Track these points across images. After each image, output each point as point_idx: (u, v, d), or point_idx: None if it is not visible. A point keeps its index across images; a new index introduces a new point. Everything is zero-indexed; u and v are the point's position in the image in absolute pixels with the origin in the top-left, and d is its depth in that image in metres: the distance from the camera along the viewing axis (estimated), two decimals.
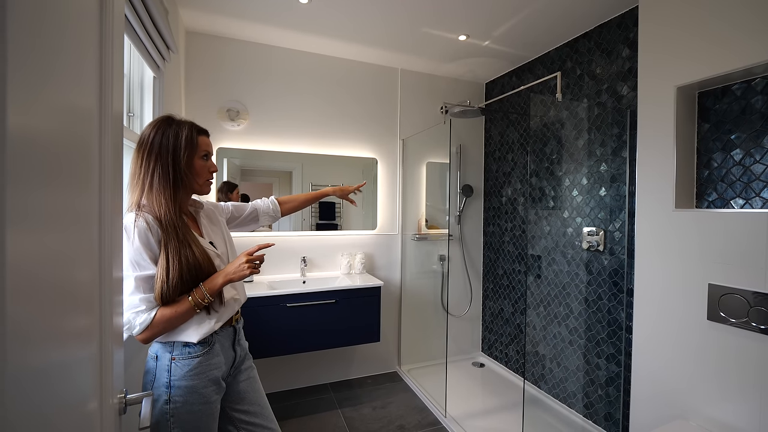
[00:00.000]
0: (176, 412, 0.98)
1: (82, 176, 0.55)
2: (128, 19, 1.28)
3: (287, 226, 2.57)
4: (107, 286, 0.63)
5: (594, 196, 2.12)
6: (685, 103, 1.57)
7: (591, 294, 2.13)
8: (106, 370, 0.64)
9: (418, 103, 2.90)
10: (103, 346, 0.63)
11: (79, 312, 0.55)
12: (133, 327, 0.93)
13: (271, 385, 2.46)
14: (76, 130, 0.53)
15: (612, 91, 2.03)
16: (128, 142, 1.55)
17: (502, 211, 2.89)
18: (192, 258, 0.98)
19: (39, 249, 0.42)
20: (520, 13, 2.01)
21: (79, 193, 0.54)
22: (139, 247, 0.94)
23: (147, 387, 1.01)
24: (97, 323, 0.61)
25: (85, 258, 0.57)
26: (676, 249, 1.51)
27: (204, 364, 1.02)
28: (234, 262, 1.04)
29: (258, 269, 1.04)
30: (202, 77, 2.31)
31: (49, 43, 0.45)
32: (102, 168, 0.62)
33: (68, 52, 0.50)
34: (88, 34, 0.58)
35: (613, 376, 2.01)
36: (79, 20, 0.54)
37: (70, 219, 0.51)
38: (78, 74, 0.54)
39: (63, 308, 0.49)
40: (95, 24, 0.60)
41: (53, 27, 0.46)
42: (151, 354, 1.02)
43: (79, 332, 0.55)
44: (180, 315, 0.96)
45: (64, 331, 0.50)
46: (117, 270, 0.68)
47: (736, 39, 1.34)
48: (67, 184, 0.50)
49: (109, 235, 0.64)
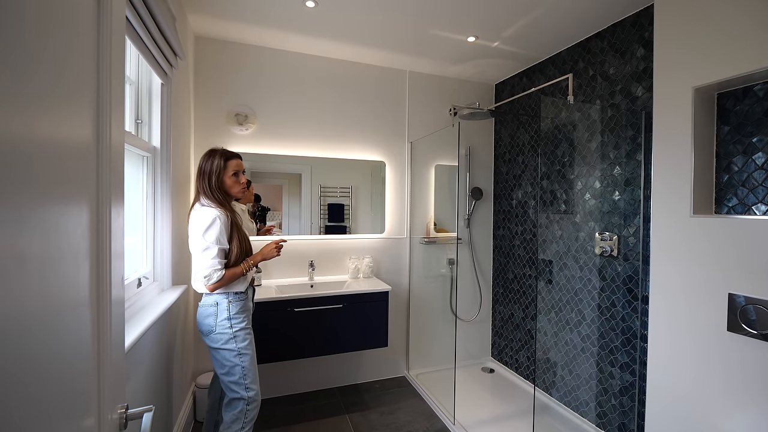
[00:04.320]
0: (236, 333, 1.52)
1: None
2: (134, 27, 1.29)
3: (296, 230, 2.57)
4: (106, 294, 0.63)
5: (607, 200, 2.06)
6: (703, 105, 1.51)
7: (604, 300, 2.07)
8: (105, 380, 0.63)
9: (427, 105, 2.87)
10: (101, 352, 0.62)
11: (73, 318, 0.54)
12: (210, 278, 1.45)
13: (278, 389, 2.46)
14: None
15: (626, 92, 1.97)
16: (134, 149, 1.56)
17: (512, 215, 2.84)
18: (246, 243, 1.60)
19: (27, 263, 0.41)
20: (530, 13, 1.97)
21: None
22: (222, 230, 1.47)
23: (210, 326, 1.51)
24: (92, 326, 0.60)
25: (80, 270, 0.56)
26: (694, 256, 1.45)
27: (246, 303, 1.60)
28: (266, 247, 1.67)
29: (280, 253, 1.69)
30: (210, 82, 2.32)
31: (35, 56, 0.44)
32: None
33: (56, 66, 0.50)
34: (86, 45, 0.57)
35: (627, 385, 1.95)
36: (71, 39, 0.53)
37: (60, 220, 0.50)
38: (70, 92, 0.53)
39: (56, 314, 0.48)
40: (93, 37, 0.60)
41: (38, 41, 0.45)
42: (211, 303, 1.52)
43: (74, 337, 0.54)
44: (236, 275, 1.52)
45: (54, 332, 0.49)
46: (117, 288, 0.67)
47: (758, 37, 1.28)
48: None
49: (107, 246, 0.63)
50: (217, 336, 1.51)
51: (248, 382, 1.53)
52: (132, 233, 1.60)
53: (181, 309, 2.04)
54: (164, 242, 1.78)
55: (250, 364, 1.54)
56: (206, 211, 1.48)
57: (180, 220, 1.96)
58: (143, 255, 1.69)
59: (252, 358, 1.56)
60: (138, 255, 1.66)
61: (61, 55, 0.50)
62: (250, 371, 1.54)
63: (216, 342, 1.51)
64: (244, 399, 1.52)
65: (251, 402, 1.53)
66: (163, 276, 1.79)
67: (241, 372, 1.52)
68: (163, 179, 1.76)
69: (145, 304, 1.53)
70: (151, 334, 1.47)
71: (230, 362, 1.51)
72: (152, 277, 1.73)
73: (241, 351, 1.52)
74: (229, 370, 1.52)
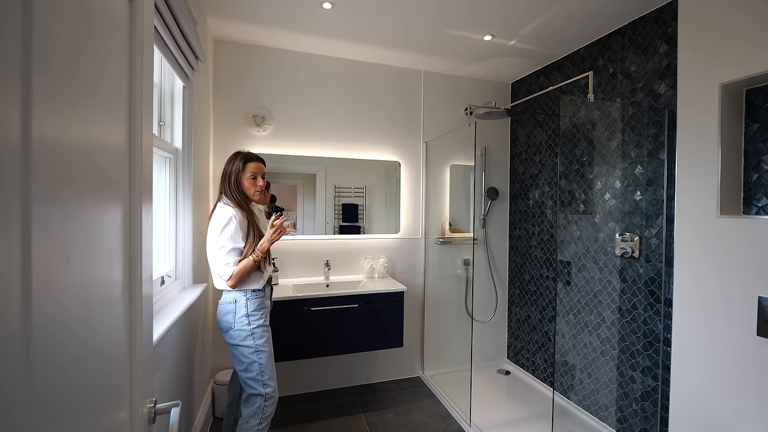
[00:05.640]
0: (254, 330, 1.56)
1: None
2: (159, 32, 1.32)
3: (311, 230, 2.59)
4: (137, 291, 0.65)
5: (628, 200, 2.01)
6: (730, 102, 1.46)
7: (625, 303, 2.03)
8: (136, 375, 0.65)
9: (442, 105, 2.86)
10: (133, 347, 0.64)
11: (107, 314, 0.56)
12: (223, 275, 1.50)
13: (294, 387, 2.49)
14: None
15: (648, 90, 1.92)
16: (158, 151, 1.60)
17: (529, 215, 2.81)
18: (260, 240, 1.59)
19: (66, 265, 0.43)
20: (549, 10, 1.94)
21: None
22: (237, 228, 1.52)
23: (229, 323, 1.55)
24: (126, 322, 0.62)
25: (113, 265, 0.58)
26: (721, 258, 1.41)
27: (264, 301, 1.63)
28: (268, 232, 1.58)
29: (282, 232, 1.58)
30: (229, 84, 2.37)
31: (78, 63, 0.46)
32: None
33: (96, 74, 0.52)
34: (119, 53, 0.59)
35: (649, 390, 1.91)
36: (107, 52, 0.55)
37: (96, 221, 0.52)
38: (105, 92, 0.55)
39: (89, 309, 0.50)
40: (126, 40, 0.62)
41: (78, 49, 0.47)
42: (230, 300, 1.56)
43: (108, 334, 0.56)
44: (247, 267, 1.51)
45: (91, 330, 0.51)
46: (147, 285, 0.69)
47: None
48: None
49: (138, 245, 0.65)
50: (236, 333, 1.54)
51: (266, 379, 1.56)
52: (156, 232, 1.64)
53: (202, 306, 2.08)
54: (186, 241, 1.82)
55: (268, 360, 1.57)
56: (224, 210, 1.54)
57: (200, 220, 2.00)
58: (166, 253, 1.73)
59: (269, 355, 1.59)
60: (161, 253, 1.70)
61: (100, 61, 0.52)
62: (268, 368, 1.57)
63: (234, 339, 1.55)
64: (261, 395, 1.55)
65: (269, 398, 1.56)
66: (185, 274, 1.83)
67: (259, 369, 1.55)
68: (185, 179, 1.80)
69: (168, 301, 1.57)
70: (174, 331, 1.51)
71: (248, 359, 1.54)
72: (174, 275, 1.77)
73: (259, 348, 1.55)
74: (247, 366, 1.55)
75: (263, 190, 1.66)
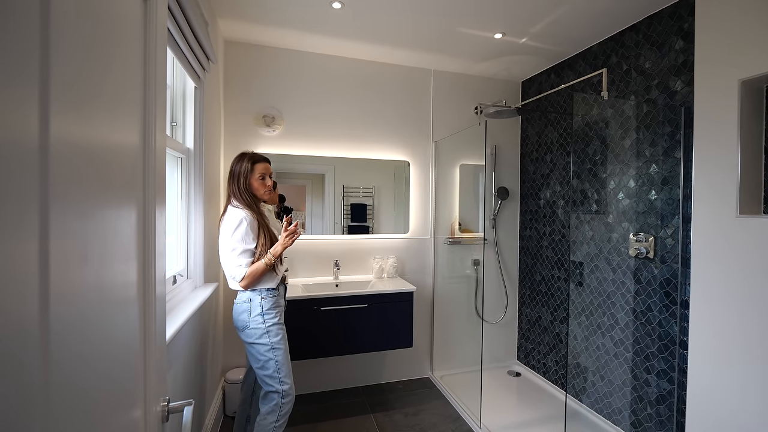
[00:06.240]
0: (269, 328, 1.57)
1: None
2: (171, 33, 1.33)
3: (319, 230, 2.60)
4: (151, 291, 0.65)
5: (642, 199, 1.97)
6: (750, 98, 1.42)
7: (639, 304, 1.99)
8: (149, 374, 0.65)
9: (451, 104, 2.84)
10: (147, 347, 0.64)
11: (122, 311, 0.56)
12: (235, 276, 1.53)
13: (304, 386, 2.50)
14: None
15: (663, 87, 1.88)
16: (170, 151, 1.62)
17: (540, 215, 2.77)
18: (274, 242, 1.60)
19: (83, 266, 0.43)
20: (561, 7, 1.91)
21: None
22: (248, 230, 1.53)
23: (245, 321, 1.56)
24: (140, 323, 0.62)
25: (127, 264, 0.58)
26: (740, 259, 1.37)
27: (278, 300, 1.65)
28: (282, 236, 1.57)
29: (294, 237, 1.57)
30: (239, 85, 2.38)
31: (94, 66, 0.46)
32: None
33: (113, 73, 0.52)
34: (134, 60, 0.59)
35: (664, 393, 1.87)
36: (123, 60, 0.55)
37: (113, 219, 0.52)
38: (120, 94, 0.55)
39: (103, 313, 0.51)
40: (140, 43, 0.62)
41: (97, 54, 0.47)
42: (245, 299, 1.58)
43: (123, 334, 0.56)
44: (259, 269, 1.53)
45: (107, 330, 0.51)
46: (161, 285, 0.70)
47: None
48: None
49: (152, 245, 0.65)
50: (252, 331, 1.56)
51: (282, 376, 1.57)
52: (168, 231, 1.66)
53: (213, 306, 2.10)
54: (197, 240, 1.84)
55: (284, 358, 1.58)
56: (234, 213, 1.55)
57: (211, 219, 2.02)
58: (177, 252, 1.75)
59: (285, 353, 1.60)
60: (173, 252, 1.72)
61: (116, 62, 0.52)
62: (284, 365, 1.58)
63: (250, 337, 1.56)
64: (278, 392, 1.55)
65: (285, 395, 1.56)
66: (196, 273, 1.85)
67: (275, 366, 1.56)
68: (197, 180, 1.82)
69: (180, 300, 1.59)
70: (186, 330, 1.53)
71: (264, 356, 1.55)
72: (186, 274, 1.79)
73: (275, 345, 1.57)
74: (263, 364, 1.56)
75: (271, 190, 1.68)
